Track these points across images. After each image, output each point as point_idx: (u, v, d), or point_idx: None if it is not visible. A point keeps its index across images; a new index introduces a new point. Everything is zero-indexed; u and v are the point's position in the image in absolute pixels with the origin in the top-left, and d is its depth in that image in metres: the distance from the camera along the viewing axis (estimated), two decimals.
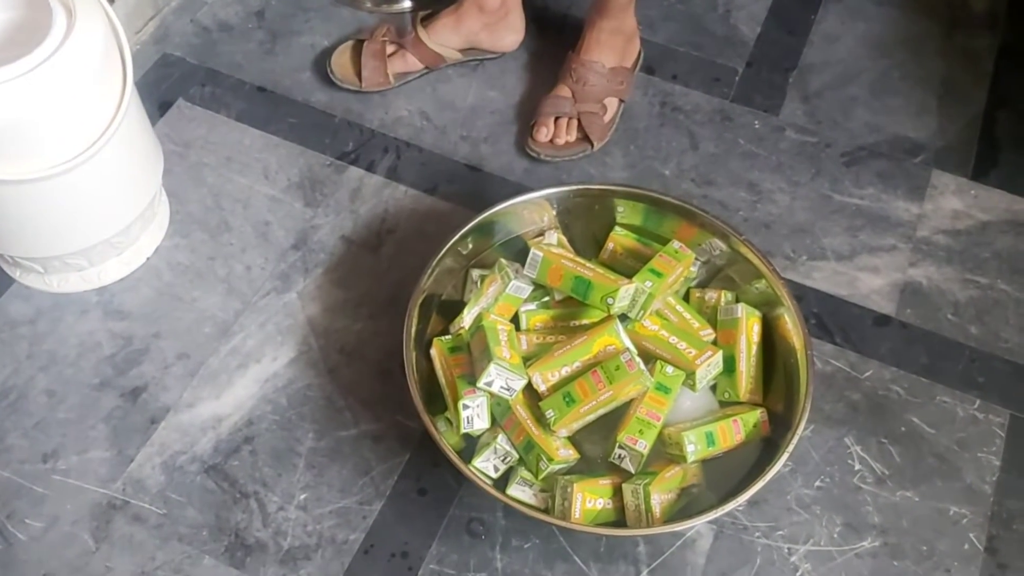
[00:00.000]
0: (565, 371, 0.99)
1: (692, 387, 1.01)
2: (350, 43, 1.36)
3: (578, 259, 1.05)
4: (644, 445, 0.95)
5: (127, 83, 1.02)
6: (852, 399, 1.12)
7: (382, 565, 1.01)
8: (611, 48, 1.30)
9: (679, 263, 1.06)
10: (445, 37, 1.33)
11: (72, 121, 0.98)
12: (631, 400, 0.98)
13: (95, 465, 1.05)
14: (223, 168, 1.28)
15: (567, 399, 0.96)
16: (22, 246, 1.10)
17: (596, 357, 0.99)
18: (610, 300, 0.99)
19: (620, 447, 0.96)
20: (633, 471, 0.97)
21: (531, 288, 1.06)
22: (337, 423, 1.09)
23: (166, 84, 1.36)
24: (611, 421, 0.99)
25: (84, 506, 1.03)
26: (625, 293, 1.00)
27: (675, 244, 1.09)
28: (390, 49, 1.34)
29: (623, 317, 1.03)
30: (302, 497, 1.04)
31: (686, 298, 1.11)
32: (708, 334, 1.06)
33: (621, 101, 1.32)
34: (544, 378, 0.98)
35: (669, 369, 1.00)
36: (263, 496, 1.04)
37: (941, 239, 1.25)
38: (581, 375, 0.97)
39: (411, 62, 1.34)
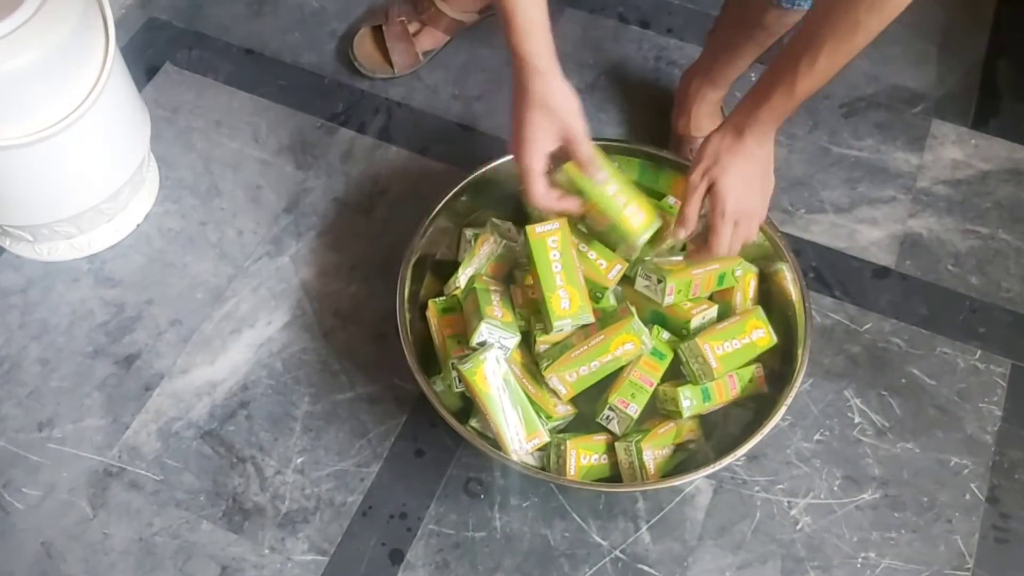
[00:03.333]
0: (583, 371, 0.95)
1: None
2: (366, 30, 1.31)
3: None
4: (635, 409, 0.95)
5: (109, 46, 1.01)
6: (851, 352, 1.11)
7: (381, 526, 1.00)
8: (715, 119, 1.21)
9: (674, 218, 1.04)
10: (463, 3, 1.29)
11: (54, 86, 0.96)
12: (626, 364, 0.97)
13: (91, 433, 1.05)
14: (212, 132, 1.27)
15: (560, 347, 0.95)
16: (9, 214, 1.08)
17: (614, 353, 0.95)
18: None
19: (610, 408, 0.96)
20: (619, 434, 0.97)
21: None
22: (333, 386, 1.08)
23: (153, 48, 1.34)
24: (607, 384, 0.98)
25: (80, 474, 1.03)
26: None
27: (670, 200, 1.07)
28: (413, 28, 1.29)
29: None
30: (299, 461, 1.04)
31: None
32: None
33: None
34: (562, 379, 0.95)
35: (665, 335, 1.00)
36: (260, 460, 1.04)
37: (941, 189, 1.23)
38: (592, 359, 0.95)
39: (438, 37, 1.31)
